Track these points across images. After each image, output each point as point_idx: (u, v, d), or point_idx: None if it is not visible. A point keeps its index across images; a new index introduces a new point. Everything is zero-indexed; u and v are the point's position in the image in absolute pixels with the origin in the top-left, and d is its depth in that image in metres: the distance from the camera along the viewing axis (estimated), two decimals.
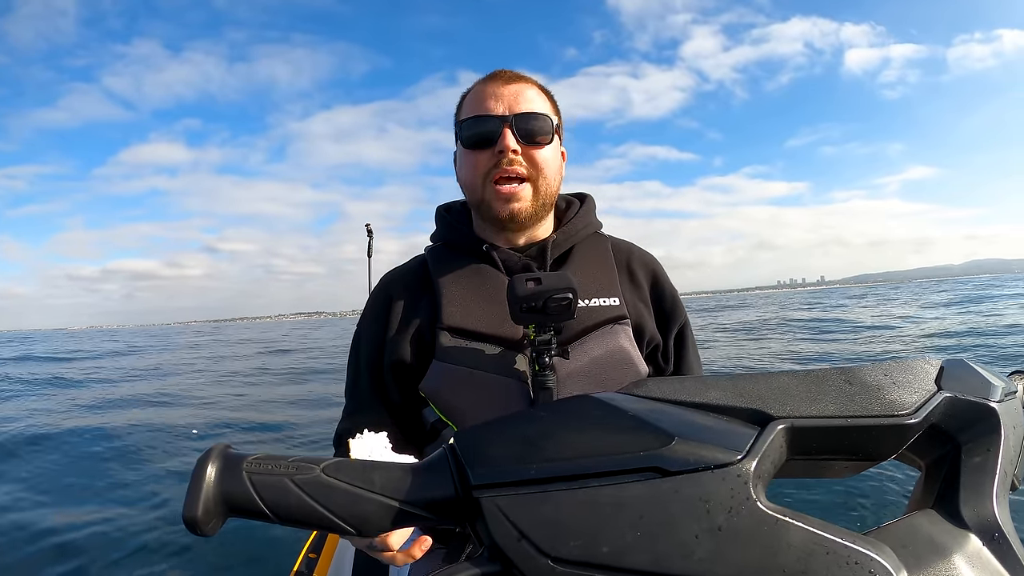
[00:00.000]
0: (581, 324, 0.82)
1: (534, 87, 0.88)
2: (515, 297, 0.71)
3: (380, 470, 0.37)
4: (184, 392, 8.94)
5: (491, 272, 0.87)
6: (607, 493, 0.33)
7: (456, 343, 0.82)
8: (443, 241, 0.95)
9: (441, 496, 0.36)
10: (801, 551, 0.31)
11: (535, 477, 0.34)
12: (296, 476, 0.36)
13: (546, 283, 0.71)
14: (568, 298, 0.71)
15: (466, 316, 0.83)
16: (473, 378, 0.80)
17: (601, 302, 0.85)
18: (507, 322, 0.79)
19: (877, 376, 0.39)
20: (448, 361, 0.81)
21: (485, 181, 0.85)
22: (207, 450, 0.36)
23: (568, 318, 0.74)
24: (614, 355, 0.83)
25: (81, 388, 9.85)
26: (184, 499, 0.35)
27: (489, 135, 0.84)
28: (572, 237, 0.92)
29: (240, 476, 0.35)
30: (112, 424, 5.96)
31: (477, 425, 0.40)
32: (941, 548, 0.35)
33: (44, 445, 5.15)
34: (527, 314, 0.73)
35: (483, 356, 0.81)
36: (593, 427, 0.36)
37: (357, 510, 0.36)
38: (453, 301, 0.85)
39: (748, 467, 0.33)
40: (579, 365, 0.80)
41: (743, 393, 0.38)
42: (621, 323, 0.85)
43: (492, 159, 0.84)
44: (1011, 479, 0.40)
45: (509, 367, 0.80)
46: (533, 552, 0.32)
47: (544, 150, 0.85)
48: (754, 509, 0.32)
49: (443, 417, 0.82)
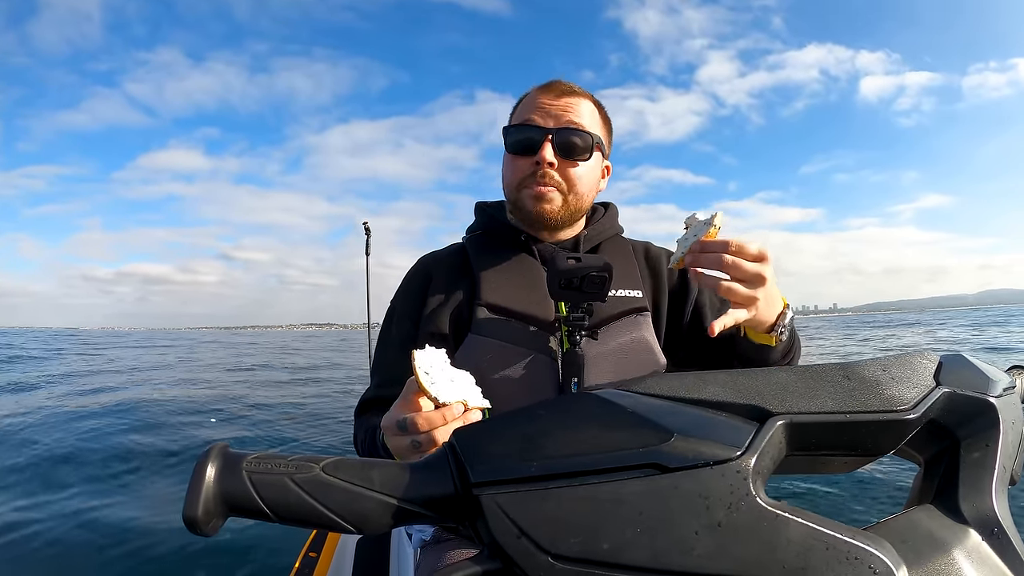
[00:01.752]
0: (608, 312, 0.87)
1: (586, 101, 0.92)
2: (556, 271, 0.75)
3: (379, 468, 0.37)
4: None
5: (527, 259, 0.93)
6: (607, 490, 0.33)
7: (492, 318, 0.87)
8: (482, 230, 1.00)
9: (441, 494, 0.36)
10: (800, 546, 0.31)
11: (535, 474, 0.34)
12: (296, 475, 0.36)
13: (585, 261, 0.75)
14: (604, 276, 0.75)
15: (503, 295, 0.88)
16: (505, 351, 0.84)
17: (626, 293, 0.91)
18: (542, 304, 0.86)
19: (875, 372, 0.39)
20: (483, 334, 0.86)
21: (521, 186, 0.91)
22: (206, 450, 0.36)
23: (601, 299, 0.78)
24: (637, 343, 0.88)
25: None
26: (184, 499, 0.34)
27: (530, 144, 0.89)
28: (600, 235, 0.99)
29: (240, 475, 0.35)
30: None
31: (476, 423, 0.40)
32: (940, 543, 0.35)
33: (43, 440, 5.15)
34: (564, 290, 0.77)
35: (517, 332, 0.85)
36: (592, 424, 0.36)
37: (357, 508, 0.36)
38: (491, 281, 0.90)
39: (747, 463, 0.33)
40: (606, 348, 0.85)
41: (742, 389, 0.38)
42: (643, 314, 0.91)
43: (531, 167, 0.89)
44: (1010, 474, 0.40)
45: (541, 344, 0.84)
46: (533, 549, 0.32)
47: (579, 167, 0.90)
48: (753, 505, 0.32)
49: None
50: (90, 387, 9.43)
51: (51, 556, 2.91)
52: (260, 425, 6.15)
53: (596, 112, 0.94)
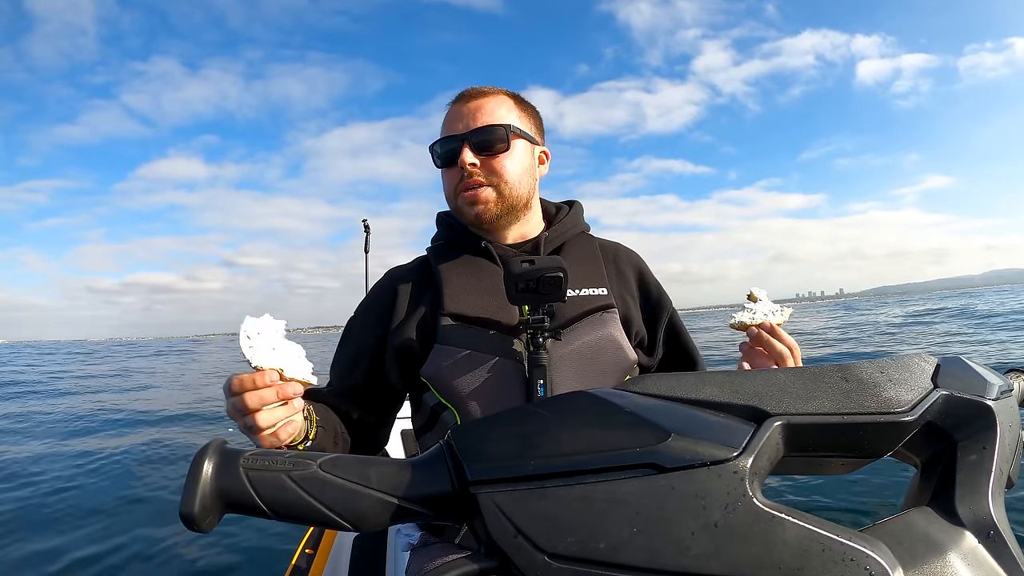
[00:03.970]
0: (572, 311, 0.88)
1: (497, 97, 0.95)
2: (511, 275, 0.75)
3: (377, 466, 0.37)
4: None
5: (488, 265, 0.94)
6: (604, 489, 0.33)
7: (457, 327, 0.88)
8: (444, 241, 1.01)
9: (438, 492, 0.36)
10: (797, 548, 0.31)
11: (532, 473, 0.34)
12: (293, 472, 0.36)
13: (539, 264, 0.75)
14: (559, 276, 0.75)
15: (466, 303, 0.89)
16: (472, 359, 0.85)
17: (590, 292, 0.92)
18: (504, 309, 0.87)
19: (873, 373, 0.39)
20: (449, 344, 0.87)
21: (456, 193, 0.94)
22: (203, 446, 0.36)
23: (559, 299, 0.79)
24: (603, 340, 0.88)
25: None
26: (181, 495, 0.34)
27: (452, 154, 0.92)
28: (562, 235, 1.00)
29: (237, 472, 0.35)
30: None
31: (474, 421, 0.40)
32: (937, 545, 0.35)
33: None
34: (522, 294, 0.77)
35: (482, 339, 0.86)
36: (590, 423, 0.36)
37: (354, 506, 0.36)
38: (454, 290, 0.90)
39: (744, 464, 0.33)
40: (571, 348, 0.86)
41: (740, 390, 0.38)
42: (609, 311, 0.92)
43: (459, 174, 0.92)
44: (1006, 477, 0.40)
45: (506, 349, 0.85)
46: (530, 548, 0.32)
47: (501, 158, 0.92)
48: (750, 506, 0.32)
49: (443, 400, 0.86)
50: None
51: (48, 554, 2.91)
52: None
53: (512, 104, 0.96)
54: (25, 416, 7.06)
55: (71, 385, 11.60)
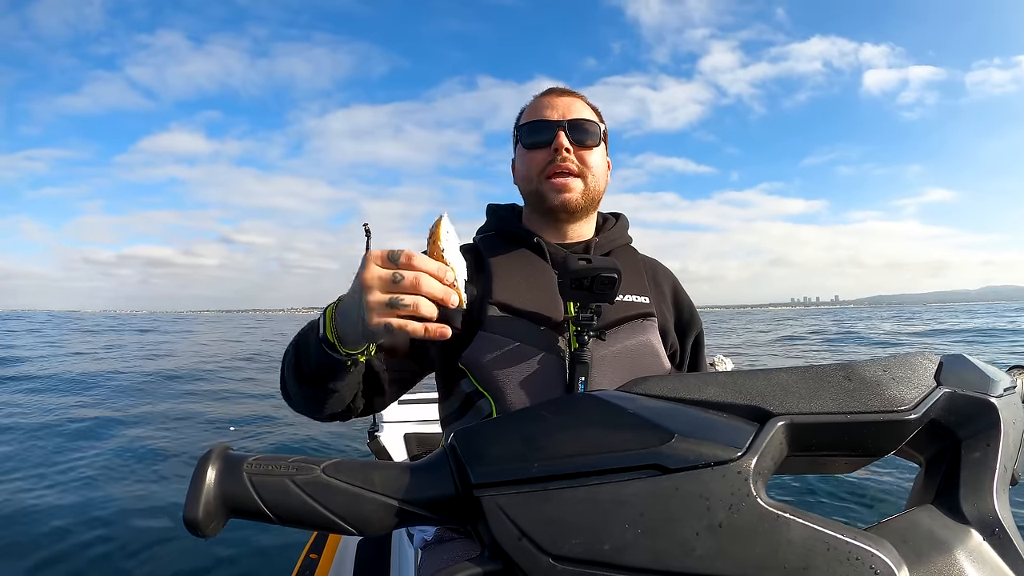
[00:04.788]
0: (616, 315, 0.90)
1: (584, 101, 1.00)
2: (567, 271, 0.77)
3: (380, 470, 0.37)
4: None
5: (538, 261, 0.96)
6: (608, 491, 0.33)
7: (503, 318, 0.88)
8: (495, 232, 1.02)
9: (442, 495, 0.36)
10: (801, 547, 0.31)
11: (535, 476, 0.34)
12: (296, 477, 0.36)
13: (596, 263, 0.77)
14: (614, 278, 0.76)
15: (515, 295, 0.90)
16: (517, 351, 0.85)
17: (633, 298, 0.93)
18: (551, 304, 0.88)
19: (876, 372, 0.39)
20: (494, 332, 0.87)
21: (541, 176, 0.95)
22: (207, 451, 0.36)
23: (609, 300, 0.80)
24: (643, 346, 0.90)
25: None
26: (184, 500, 0.35)
27: (546, 137, 0.95)
28: (611, 243, 1.03)
29: (240, 477, 0.35)
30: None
31: (477, 424, 0.40)
32: (941, 543, 0.35)
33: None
34: (575, 290, 0.78)
35: (526, 331, 0.87)
36: (593, 425, 0.36)
37: (357, 510, 0.36)
38: (503, 281, 0.91)
39: (748, 464, 0.33)
40: (612, 350, 0.87)
41: (743, 390, 0.38)
42: (649, 319, 0.93)
43: (548, 156, 0.95)
44: (1011, 474, 0.40)
45: (550, 344, 0.86)
46: (534, 550, 0.32)
47: (593, 153, 0.96)
48: (754, 506, 0.32)
49: (480, 387, 0.86)
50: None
51: (47, 555, 2.91)
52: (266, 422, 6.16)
53: (593, 111, 1.01)
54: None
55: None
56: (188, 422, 6.28)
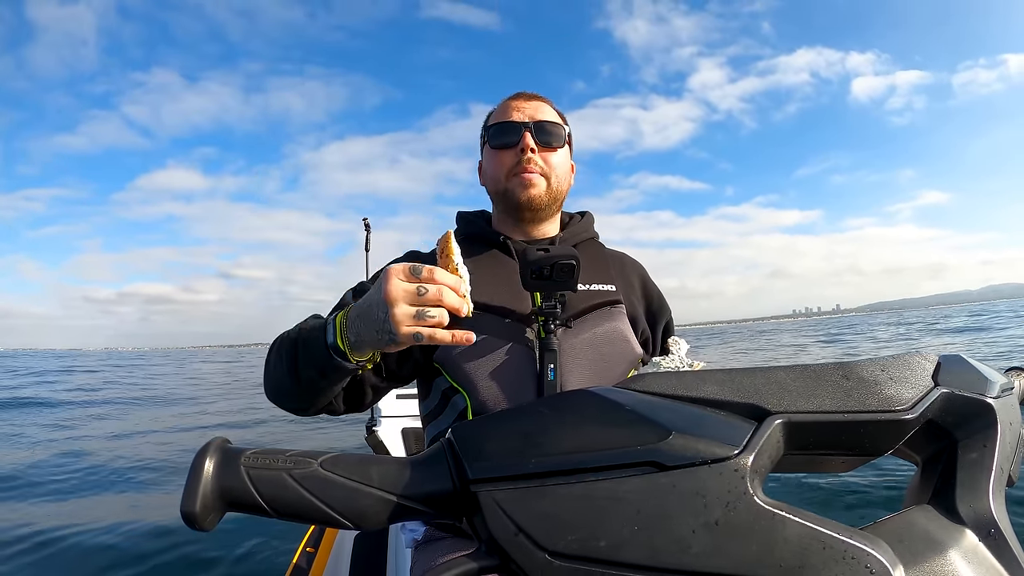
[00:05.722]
0: (582, 303, 0.92)
1: (550, 105, 1.04)
2: (526, 261, 0.78)
3: (378, 464, 0.37)
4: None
5: (504, 258, 0.99)
6: (604, 487, 0.33)
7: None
8: (463, 235, 1.04)
9: (439, 490, 0.36)
10: (797, 546, 0.31)
11: (532, 471, 0.34)
12: (294, 471, 0.36)
13: (553, 251, 0.78)
14: (572, 264, 0.77)
15: (481, 292, 0.91)
16: (485, 344, 0.87)
17: (599, 287, 0.96)
18: (517, 299, 0.91)
19: (874, 371, 0.39)
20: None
21: (508, 175, 0.98)
22: (205, 444, 0.36)
23: (571, 288, 0.81)
24: (612, 332, 0.92)
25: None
26: (182, 493, 0.35)
27: (513, 138, 0.98)
28: (575, 237, 1.06)
29: (238, 470, 0.35)
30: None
31: (474, 419, 0.40)
32: (937, 543, 0.35)
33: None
34: (536, 280, 0.80)
35: (494, 325, 0.89)
36: (590, 421, 0.36)
37: (355, 504, 0.36)
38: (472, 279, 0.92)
39: (745, 462, 0.33)
40: (581, 337, 0.89)
41: (740, 388, 0.38)
42: (616, 307, 0.96)
43: (515, 157, 0.98)
44: (1007, 475, 0.40)
45: (518, 335, 0.89)
46: (530, 546, 0.32)
47: (557, 154, 1.00)
48: (751, 504, 0.32)
49: (454, 384, 0.89)
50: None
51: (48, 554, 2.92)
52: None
53: (558, 115, 1.04)
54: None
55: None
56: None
